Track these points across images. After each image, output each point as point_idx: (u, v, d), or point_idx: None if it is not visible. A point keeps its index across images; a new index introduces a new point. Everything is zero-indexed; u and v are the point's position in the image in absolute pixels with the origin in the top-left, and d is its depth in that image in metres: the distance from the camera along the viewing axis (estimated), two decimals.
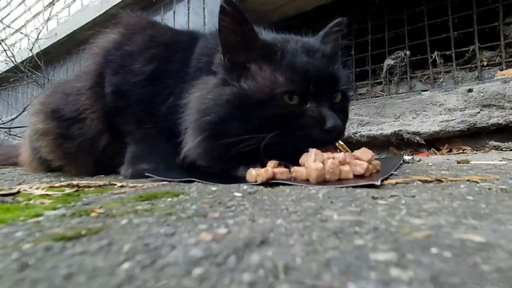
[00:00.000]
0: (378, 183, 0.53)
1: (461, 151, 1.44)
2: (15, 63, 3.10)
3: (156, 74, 0.83)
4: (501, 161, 0.95)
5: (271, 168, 0.62)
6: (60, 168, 1.03)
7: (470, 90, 1.43)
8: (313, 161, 0.59)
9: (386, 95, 1.83)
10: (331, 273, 0.21)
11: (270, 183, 0.59)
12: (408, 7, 1.82)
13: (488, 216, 0.34)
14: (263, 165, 0.63)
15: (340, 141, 1.08)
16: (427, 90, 1.61)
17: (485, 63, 1.60)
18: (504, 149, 1.34)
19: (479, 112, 1.41)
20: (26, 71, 3.06)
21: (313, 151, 0.63)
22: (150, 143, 0.85)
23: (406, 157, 1.08)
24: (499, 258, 0.23)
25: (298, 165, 0.62)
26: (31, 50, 3.06)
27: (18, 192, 0.57)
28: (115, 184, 0.65)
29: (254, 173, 0.61)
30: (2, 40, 3.15)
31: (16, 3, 4.28)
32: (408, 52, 1.78)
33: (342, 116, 0.70)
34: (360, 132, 1.69)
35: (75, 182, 0.65)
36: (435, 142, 1.55)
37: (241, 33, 0.66)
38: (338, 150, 1.00)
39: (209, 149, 0.68)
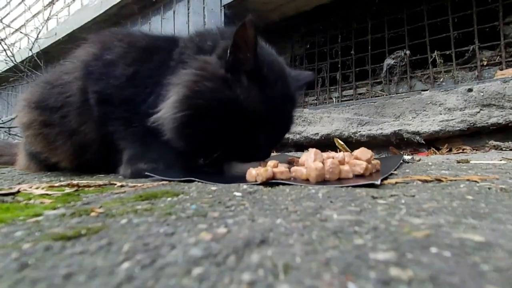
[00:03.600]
0: (378, 182, 0.53)
1: (461, 150, 1.44)
2: (15, 62, 3.10)
3: (137, 75, 0.85)
4: (500, 160, 0.95)
5: (271, 167, 0.62)
6: (50, 161, 1.02)
7: (470, 90, 1.43)
8: (313, 160, 0.60)
9: (386, 95, 1.83)
10: (331, 272, 0.21)
11: (270, 182, 0.59)
12: (408, 7, 1.82)
13: (488, 216, 0.34)
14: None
15: (339, 141, 1.08)
16: (427, 90, 1.61)
17: (485, 63, 1.60)
18: (504, 148, 1.35)
19: (479, 112, 1.41)
20: (26, 71, 3.06)
21: (312, 151, 0.63)
22: (142, 142, 0.86)
23: (406, 157, 1.08)
24: (499, 257, 0.23)
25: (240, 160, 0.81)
26: (30, 50, 3.06)
27: (18, 191, 0.57)
28: (115, 184, 0.65)
29: (254, 173, 0.61)
30: (2, 40, 3.15)
31: (15, 2, 4.28)
32: (408, 52, 1.78)
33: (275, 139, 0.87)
34: (360, 131, 1.69)
35: (75, 182, 0.65)
36: (435, 141, 1.55)
37: (251, 44, 0.71)
38: (338, 150, 1.00)
39: (184, 128, 0.73)
